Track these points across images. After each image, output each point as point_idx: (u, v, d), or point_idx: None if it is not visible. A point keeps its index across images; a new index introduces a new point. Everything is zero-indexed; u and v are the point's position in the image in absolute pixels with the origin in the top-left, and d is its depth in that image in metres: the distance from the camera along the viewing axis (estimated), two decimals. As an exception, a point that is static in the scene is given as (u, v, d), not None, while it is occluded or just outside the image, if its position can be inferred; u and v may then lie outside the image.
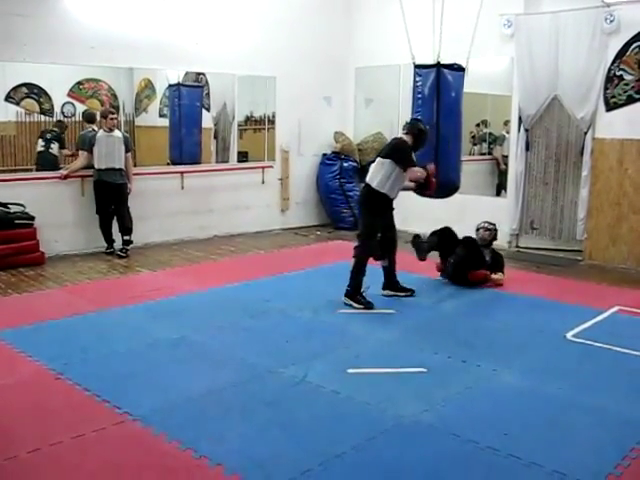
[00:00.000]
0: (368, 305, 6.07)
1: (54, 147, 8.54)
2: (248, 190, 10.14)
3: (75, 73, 8.61)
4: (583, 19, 8.06)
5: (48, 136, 8.54)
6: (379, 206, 6.15)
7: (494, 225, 7.14)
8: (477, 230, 7.09)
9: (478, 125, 10.20)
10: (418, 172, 6.08)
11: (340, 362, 4.77)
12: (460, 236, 6.96)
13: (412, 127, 6.23)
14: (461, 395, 4.28)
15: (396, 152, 6.05)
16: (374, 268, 6.36)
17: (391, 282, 6.48)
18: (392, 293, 6.45)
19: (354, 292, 6.13)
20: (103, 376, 4.47)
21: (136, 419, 3.84)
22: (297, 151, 10.64)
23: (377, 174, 6.07)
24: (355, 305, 6.08)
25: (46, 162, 8.46)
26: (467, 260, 6.78)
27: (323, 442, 3.63)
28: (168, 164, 9.64)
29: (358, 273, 6.14)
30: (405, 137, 6.19)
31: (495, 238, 7.15)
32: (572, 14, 8.14)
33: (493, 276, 6.93)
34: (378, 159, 6.14)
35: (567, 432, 3.82)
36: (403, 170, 6.02)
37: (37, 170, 8.33)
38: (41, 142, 8.52)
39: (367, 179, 6.18)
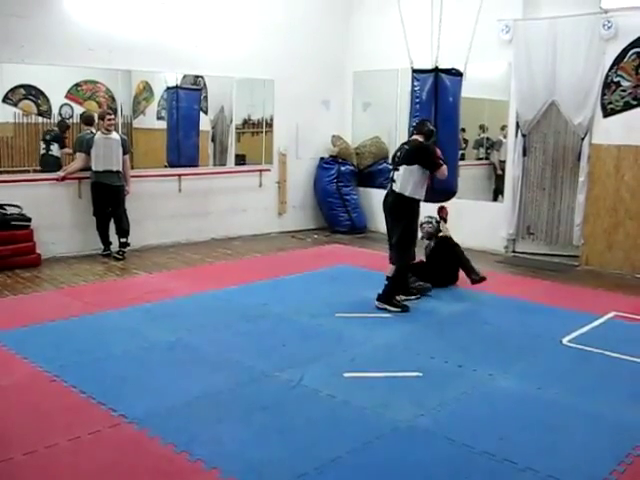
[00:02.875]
0: (404, 308, 6.15)
1: (54, 148, 8.53)
2: (245, 193, 10.14)
3: (73, 75, 8.60)
4: (581, 25, 8.08)
5: (48, 137, 8.54)
6: (415, 211, 6.19)
7: (435, 218, 7.21)
8: (421, 226, 7.09)
9: (464, 130, 10.09)
10: (445, 170, 6.06)
11: (336, 366, 4.77)
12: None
13: (422, 127, 6.24)
14: (457, 400, 4.28)
15: (423, 157, 6.01)
16: (370, 273, 6.36)
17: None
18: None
19: (390, 296, 6.16)
20: (99, 378, 4.46)
21: (131, 422, 3.83)
22: (295, 154, 10.65)
23: (408, 182, 6.02)
24: (392, 309, 6.11)
25: (48, 164, 8.44)
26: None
27: (319, 446, 3.62)
28: (166, 167, 9.63)
29: (401, 279, 6.21)
30: (417, 138, 6.19)
31: (440, 230, 7.18)
32: (570, 20, 8.16)
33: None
34: (404, 167, 6.02)
35: (563, 437, 3.82)
36: (431, 172, 6.03)
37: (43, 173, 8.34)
38: (42, 145, 8.52)
39: (397, 189, 6.06)
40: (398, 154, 6.23)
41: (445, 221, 7.16)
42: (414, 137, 6.26)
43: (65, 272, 7.51)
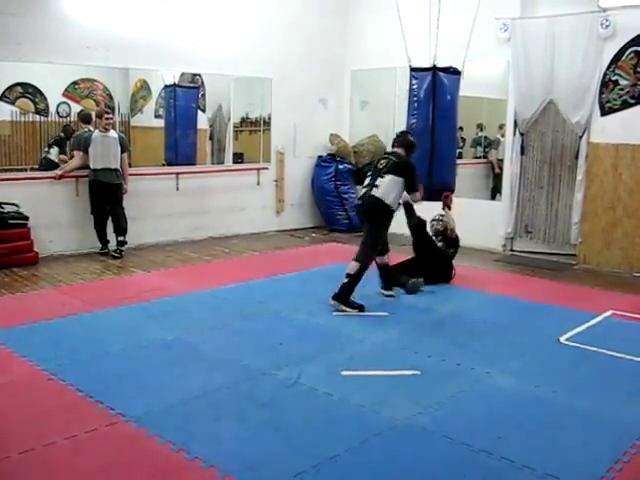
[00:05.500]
0: (361, 308, 6.08)
1: (53, 152, 8.53)
2: (243, 191, 10.14)
3: (70, 73, 8.60)
4: (579, 24, 8.08)
5: (51, 140, 8.56)
6: (390, 218, 6.20)
7: (444, 216, 7.25)
8: (431, 222, 7.26)
9: (461, 128, 10.08)
10: (418, 197, 6.22)
11: (334, 364, 4.77)
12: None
13: (404, 140, 6.31)
14: (455, 398, 4.28)
15: (409, 174, 6.09)
16: (368, 272, 6.37)
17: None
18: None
19: (348, 295, 6.09)
20: (96, 377, 4.45)
21: (129, 420, 3.83)
22: (293, 153, 10.64)
23: (391, 191, 6.07)
24: (347, 309, 6.04)
25: (45, 167, 8.44)
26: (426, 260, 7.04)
27: (316, 444, 3.62)
28: (163, 165, 9.63)
29: (358, 279, 6.10)
30: (400, 151, 6.24)
31: (447, 229, 7.23)
32: (568, 19, 8.16)
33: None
34: (391, 177, 6.05)
35: (560, 435, 3.83)
36: (407, 191, 6.14)
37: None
38: (45, 148, 8.57)
39: (378, 194, 6.06)
40: (383, 162, 6.22)
41: (449, 208, 7.10)
42: (396, 150, 6.30)
43: (63, 270, 7.50)
